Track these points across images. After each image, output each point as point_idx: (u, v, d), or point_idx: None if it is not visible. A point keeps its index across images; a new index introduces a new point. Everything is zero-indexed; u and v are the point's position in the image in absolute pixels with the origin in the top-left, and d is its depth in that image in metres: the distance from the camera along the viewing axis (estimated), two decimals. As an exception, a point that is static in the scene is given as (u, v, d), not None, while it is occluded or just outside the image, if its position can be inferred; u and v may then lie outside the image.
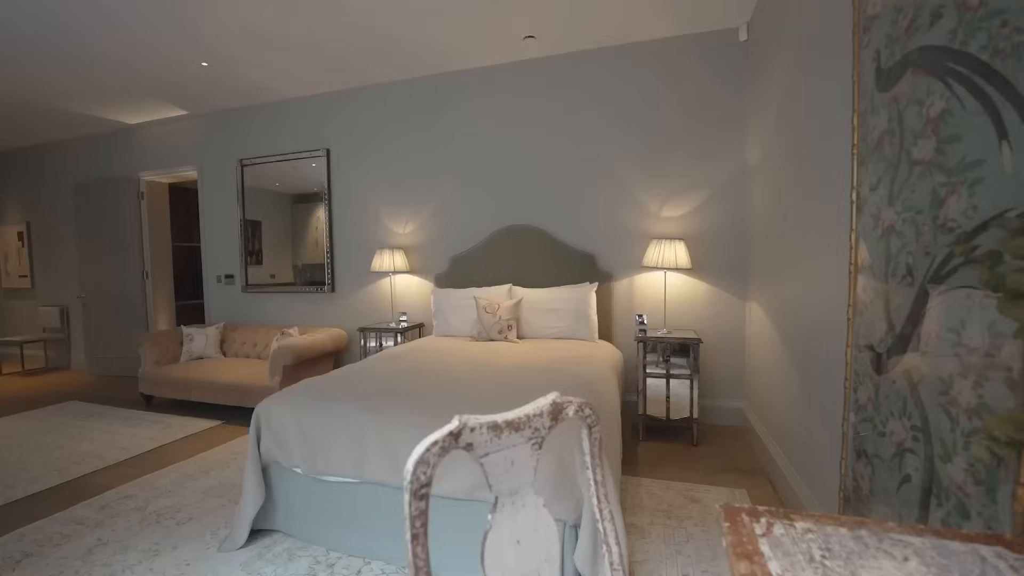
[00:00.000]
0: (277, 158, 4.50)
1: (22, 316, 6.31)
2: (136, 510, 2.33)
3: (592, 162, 3.59)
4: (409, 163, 4.09)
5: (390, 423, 1.86)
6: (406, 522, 0.59)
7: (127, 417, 3.82)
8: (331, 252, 4.37)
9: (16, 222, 6.24)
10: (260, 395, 3.49)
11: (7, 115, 4.81)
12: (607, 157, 3.56)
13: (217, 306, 4.98)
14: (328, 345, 3.88)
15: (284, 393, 2.13)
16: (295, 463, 1.99)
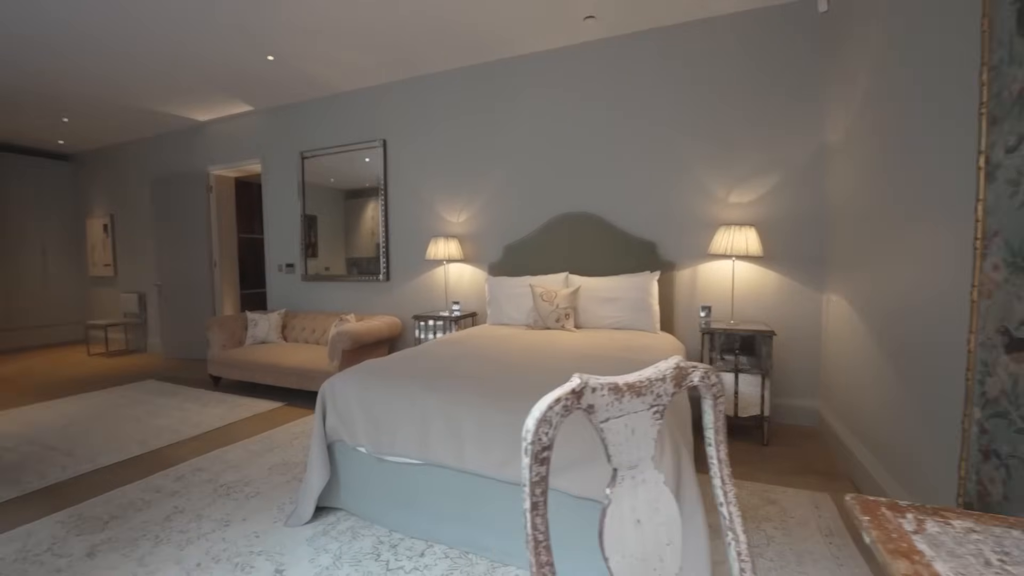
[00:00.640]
0: (336, 150, 4.61)
1: (106, 302, 6.82)
2: (208, 482, 2.43)
3: (654, 147, 3.44)
4: (463, 152, 4.07)
5: (454, 404, 1.82)
6: (525, 489, 0.52)
7: (198, 396, 4.02)
8: (386, 241, 4.42)
9: (101, 215, 6.74)
10: (320, 379, 3.58)
11: (99, 115, 5.19)
12: (671, 141, 3.39)
13: (278, 294, 5.17)
14: (384, 332, 3.94)
15: (348, 372, 2.14)
16: (359, 442, 1.99)
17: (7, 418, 3.55)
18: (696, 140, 3.32)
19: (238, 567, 1.74)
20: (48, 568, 1.76)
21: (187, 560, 1.78)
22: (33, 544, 1.92)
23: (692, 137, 3.33)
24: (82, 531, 2.00)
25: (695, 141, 3.33)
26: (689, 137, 3.34)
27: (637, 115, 3.47)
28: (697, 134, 3.32)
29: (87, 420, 3.44)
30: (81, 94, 4.59)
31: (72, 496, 2.32)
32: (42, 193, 6.79)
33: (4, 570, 1.76)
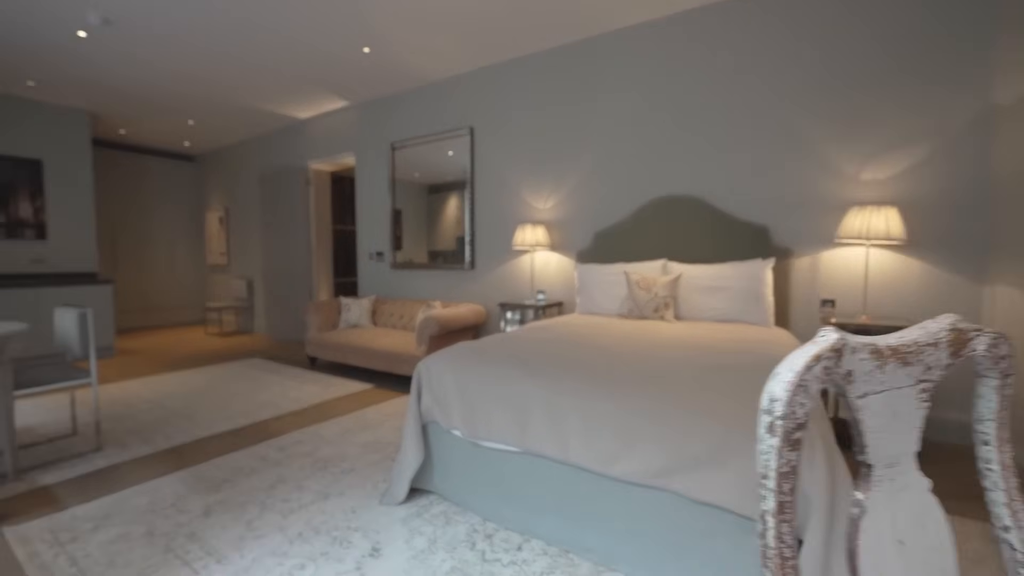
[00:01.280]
0: (425, 139, 4.66)
1: (220, 287, 7.54)
2: (307, 455, 2.50)
3: (766, 121, 3.07)
4: (550, 136, 3.93)
5: (557, 392, 1.69)
6: (768, 483, 0.37)
7: (296, 375, 4.26)
8: (471, 229, 4.40)
9: (217, 209, 7.44)
10: (408, 362, 3.62)
11: (219, 117, 5.70)
12: (787, 114, 3.01)
13: (369, 281, 5.36)
14: (469, 319, 3.91)
15: (445, 352, 2.09)
16: (454, 425, 1.93)
17: (141, 384, 3.97)
18: (817, 109, 2.92)
19: (336, 541, 1.74)
20: (172, 522, 1.87)
21: (289, 528, 1.82)
22: (160, 498, 2.06)
23: (813, 109, 2.93)
24: (200, 491, 2.13)
25: (816, 110, 2.92)
26: (810, 109, 2.94)
27: (744, 88, 3.11)
28: (819, 105, 2.91)
29: (204, 390, 3.76)
30: (205, 97, 5.04)
31: (191, 457, 2.50)
32: (170, 190, 7.63)
33: (137, 519, 1.90)
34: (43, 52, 3.99)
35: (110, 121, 5.96)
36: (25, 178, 5.19)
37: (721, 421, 1.38)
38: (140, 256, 7.30)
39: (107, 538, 1.77)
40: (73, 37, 3.74)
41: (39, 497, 2.11)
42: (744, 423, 1.35)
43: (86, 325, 2.58)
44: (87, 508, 1.99)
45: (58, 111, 5.36)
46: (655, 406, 1.50)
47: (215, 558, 1.64)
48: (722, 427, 1.37)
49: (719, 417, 1.39)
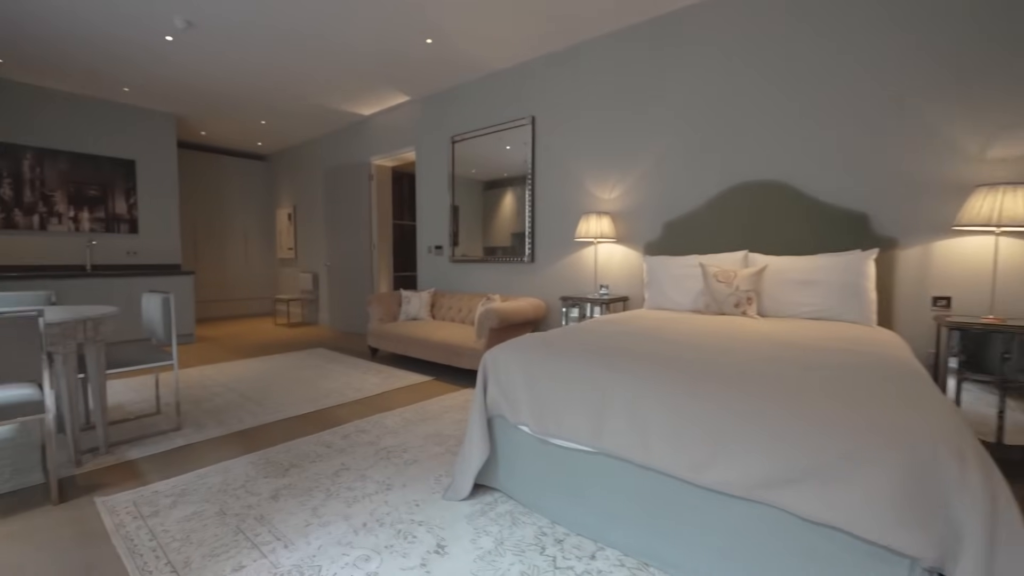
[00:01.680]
0: (485, 131, 4.61)
1: (288, 280, 7.90)
2: (370, 444, 2.49)
3: (864, 93, 2.73)
4: (617, 122, 3.74)
5: (639, 389, 1.53)
6: None
7: (358, 365, 4.33)
8: (531, 221, 4.29)
9: (286, 206, 7.80)
10: (467, 355, 3.57)
11: (289, 117, 5.94)
12: (891, 83, 2.65)
13: (427, 274, 5.39)
14: (529, 312, 3.80)
15: (513, 343, 1.98)
16: (521, 420, 1.82)
17: (217, 370, 4.18)
18: (931, 80, 2.54)
19: (400, 534, 1.68)
20: (242, 503, 1.89)
21: (354, 518, 1.78)
22: (231, 479, 2.10)
23: (925, 72, 2.56)
24: (268, 474, 2.15)
25: (930, 81, 2.55)
26: (920, 78, 2.57)
27: (838, 59, 2.78)
28: (932, 72, 2.54)
29: (272, 377, 3.89)
30: (277, 98, 5.26)
31: (261, 441, 2.55)
32: (244, 188, 8.08)
33: (211, 498, 1.93)
34: (137, 59, 4.28)
35: (193, 124, 6.37)
36: (121, 177, 5.65)
37: (848, 428, 1.18)
38: (217, 250, 7.79)
39: (183, 515, 1.81)
40: (162, 42, 3.98)
41: (126, 470, 2.21)
42: (878, 433, 1.14)
43: (168, 309, 2.70)
44: (167, 484, 2.06)
45: (149, 115, 5.79)
46: (757, 408, 1.31)
47: (283, 543, 1.63)
48: (849, 435, 1.16)
49: (844, 424, 1.19)
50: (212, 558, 1.55)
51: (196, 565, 1.51)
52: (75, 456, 2.24)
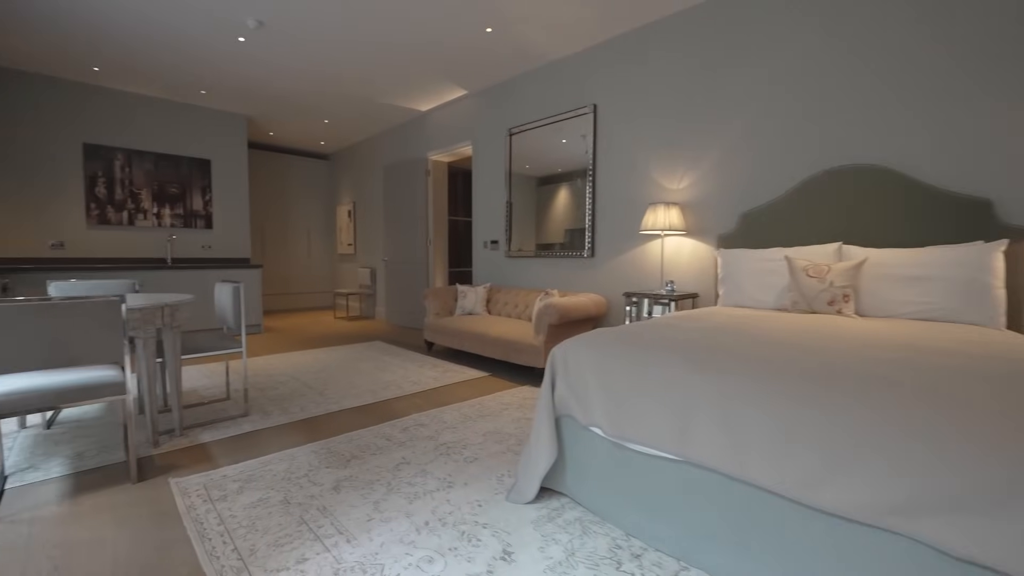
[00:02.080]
0: (543, 122, 4.48)
1: (347, 275, 8.13)
2: (429, 439, 2.43)
3: (987, 55, 2.35)
4: (687, 108, 3.49)
5: (737, 394, 1.35)
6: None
7: (414, 359, 4.33)
8: (592, 214, 4.12)
9: (346, 203, 8.03)
10: (525, 351, 3.46)
11: (350, 115, 6.09)
12: (1017, 40, 2.27)
13: (483, 269, 5.34)
14: (590, 308, 3.64)
15: (585, 337, 1.85)
16: (594, 421, 1.68)
17: (281, 359, 4.31)
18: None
19: (464, 536, 1.58)
20: (305, 492, 1.87)
21: (416, 515, 1.71)
22: (295, 467, 2.10)
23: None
24: (330, 464, 2.13)
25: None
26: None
27: (946, 24, 2.42)
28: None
29: (333, 368, 3.96)
30: (339, 96, 5.38)
31: (323, 430, 2.56)
32: (308, 186, 8.40)
33: (275, 485, 1.93)
34: (212, 61, 4.50)
35: (262, 125, 6.67)
36: (198, 176, 5.99)
37: (1016, 446, 0.96)
38: (282, 246, 8.14)
39: (249, 501, 1.81)
40: (235, 44, 4.14)
41: (198, 453, 2.27)
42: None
43: (239, 298, 2.77)
44: (234, 469, 2.08)
45: (223, 117, 6.11)
46: (893, 418, 1.11)
47: (345, 537, 1.58)
48: (1019, 455, 0.94)
49: (1016, 444, 0.97)
50: (276, 547, 1.52)
51: (261, 554, 1.49)
52: (153, 437, 2.33)
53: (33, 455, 2.24)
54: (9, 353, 1.68)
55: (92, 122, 5.24)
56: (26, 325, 1.70)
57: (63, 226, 5.14)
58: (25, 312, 1.70)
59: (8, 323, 1.67)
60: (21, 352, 1.70)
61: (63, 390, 1.84)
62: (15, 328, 1.68)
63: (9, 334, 1.67)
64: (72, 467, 2.12)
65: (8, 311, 1.67)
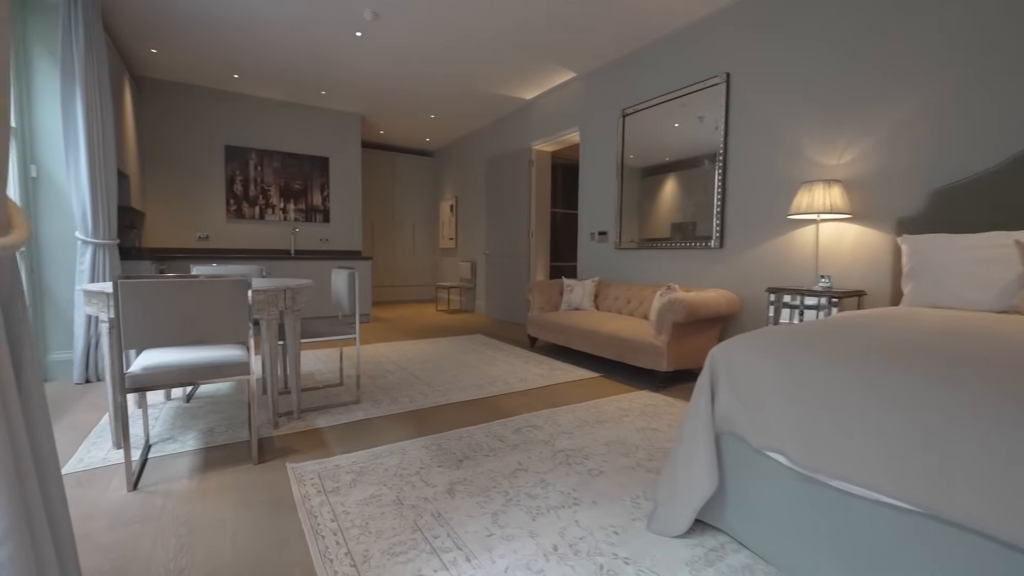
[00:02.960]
0: (663, 98, 4.03)
1: (448, 268, 8.25)
2: (545, 443, 2.18)
3: None
4: (852, 64, 2.87)
5: (1004, 418, 0.92)
6: None
7: (518, 354, 4.14)
8: (721, 199, 3.61)
9: (449, 198, 8.14)
10: (642, 352, 3.09)
11: (454, 109, 6.10)
12: None
13: (589, 262, 5.01)
14: (721, 306, 3.16)
15: (760, 335, 1.47)
16: (772, 444, 1.30)
17: (389, 348, 4.37)
18: None
19: (603, 570, 1.30)
20: (418, 494, 1.72)
21: (542, 536, 1.46)
22: (406, 462, 1.97)
23: None
24: (442, 463, 1.97)
25: None
26: None
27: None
28: None
29: (438, 360, 3.89)
30: (447, 88, 5.37)
31: (432, 423, 2.43)
32: (413, 182, 8.66)
33: (387, 481, 1.81)
34: (332, 61, 4.68)
35: (374, 123, 6.94)
36: (318, 173, 6.38)
37: None
38: (389, 240, 8.48)
39: (362, 496, 1.69)
40: (352, 39, 4.25)
41: (313, 438, 2.24)
42: None
43: (353, 284, 2.75)
44: (347, 459, 2.00)
45: (340, 116, 6.43)
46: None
47: (464, 554, 1.37)
48: None
49: None
50: (391, 556, 1.36)
51: (375, 562, 1.33)
52: (273, 418, 2.36)
53: (173, 427, 2.37)
54: (151, 329, 1.71)
55: (231, 125, 5.78)
56: (166, 301, 1.73)
57: (208, 220, 5.72)
58: (165, 288, 1.72)
59: (150, 299, 1.70)
60: (161, 328, 1.73)
61: (196, 367, 1.86)
62: (157, 304, 1.71)
63: (151, 310, 1.71)
64: (203, 442, 2.19)
65: (151, 287, 1.70)
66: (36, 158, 3.18)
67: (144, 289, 1.69)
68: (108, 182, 3.29)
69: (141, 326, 1.70)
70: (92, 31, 3.16)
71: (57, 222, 3.24)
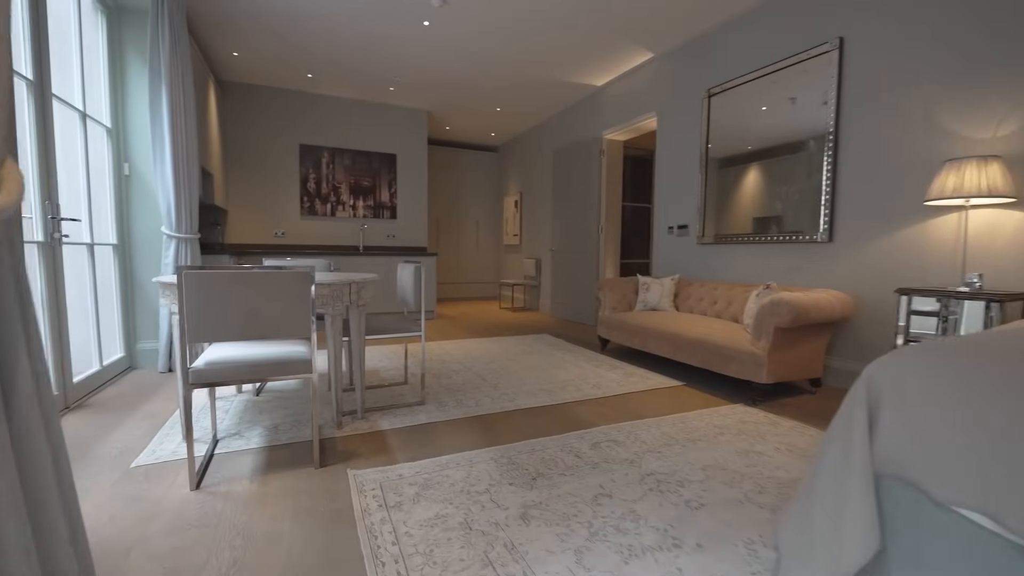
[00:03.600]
0: (758, 73, 3.57)
1: (512, 265, 8.08)
2: (629, 463, 1.90)
3: None
4: (1005, 14, 2.31)
5: None
6: None
7: (588, 356, 3.86)
8: (831, 184, 3.11)
9: (513, 193, 7.96)
10: (736, 360, 2.70)
11: (521, 97, 5.89)
12: None
13: (667, 258, 4.61)
14: (835, 309, 2.70)
15: (944, 350, 1.11)
16: (970, 500, 0.95)
17: (454, 346, 4.24)
18: None
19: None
20: (488, 517, 1.51)
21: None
22: (473, 477, 1.77)
23: None
24: (513, 480, 1.76)
25: None
26: None
27: None
28: None
29: (504, 360, 3.70)
30: (515, 76, 5.17)
31: (500, 431, 2.23)
32: (477, 178, 8.57)
33: (454, 498, 1.62)
34: (400, 53, 4.62)
35: (440, 119, 6.90)
36: (385, 169, 6.42)
37: None
38: (453, 236, 8.45)
39: (426, 516, 1.51)
40: (420, 29, 4.15)
41: (376, 441, 2.11)
42: None
43: (419, 278, 2.61)
44: (411, 468, 1.84)
45: (407, 112, 6.44)
46: None
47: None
48: None
49: None
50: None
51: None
52: (337, 418, 2.26)
53: (241, 421, 2.34)
54: (213, 322, 1.64)
55: (306, 125, 5.94)
56: (227, 293, 1.64)
57: (284, 218, 5.92)
58: (226, 280, 1.64)
59: (212, 290, 1.62)
60: (223, 321, 1.65)
61: (258, 364, 1.77)
62: (218, 296, 1.63)
63: (212, 303, 1.62)
64: (268, 439, 2.12)
65: (212, 278, 1.62)
66: (129, 156, 3.33)
67: (206, 280, 1.61)
68: (191, 178, 3.39)
69: (203, 319, 1.62)
70: (177, 33, 3.26)
71: (147, 218, 3.39)
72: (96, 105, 3.10)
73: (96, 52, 3.12)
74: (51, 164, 2.39)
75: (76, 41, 2.83)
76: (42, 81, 2.35)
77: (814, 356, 2.83)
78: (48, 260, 2.37)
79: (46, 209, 2.35)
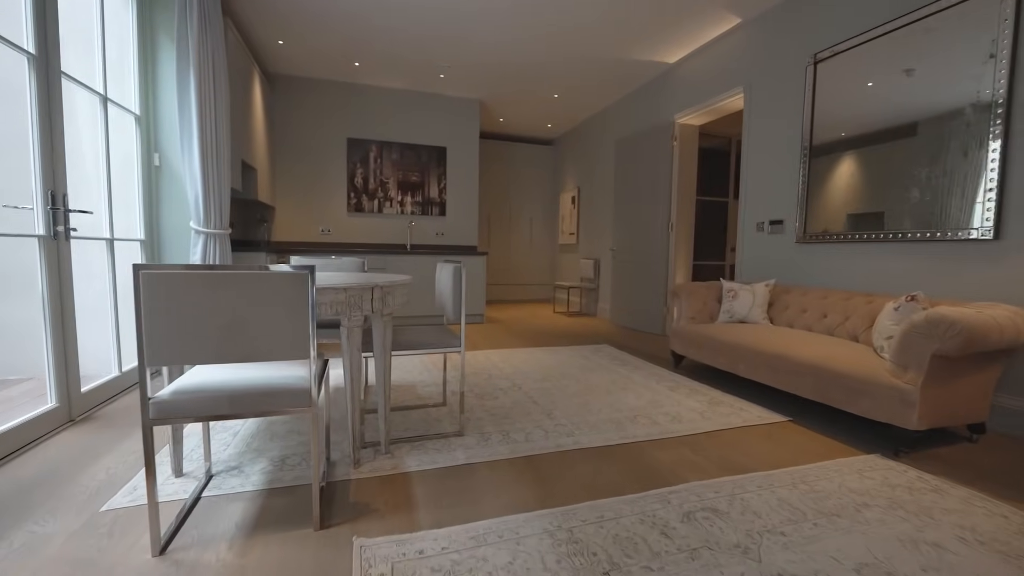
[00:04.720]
0: (888, 27, 2.82)
1: (568, 266, 7.52)
2: (743, 552, 1.33)
3: None
4: None
5: None
6: None
7: (659, 375, 3.25)
8: (1001, 165, 2.34)
9: (570, 189, 7.40)
10: (868, 395, 2.02)
11: (581, 81, 5.33)
12: None
13: (755, 259, 3.89)
14: (1021, 332, 1.96)
15: None
16: None
17: (502, 356, 3.76)
18: None
19: None
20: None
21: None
22: (520, 563, 1.27)
23: None
24: (575, 568, 1.24)
25: None
26: None
27: None
28: None
29: (559, 376, 3.17)
30: (573, 58, 4.63)
31: (556, 483, 1.71)
32: (532, 174, 8.07)
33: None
34: (452, 34, 4.20)
35: (492, 110, 6.46)
36: (435, 163, 6.07)
37: None
38: (505, 235, 8.01)
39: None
40: (474, 4, 3.71)
41: (398, 490, 1.66)
42: None
43: (460, 279, 2.15)
44: (436, 540, 1.37)
45: (458, 103, 6.05)
46: None
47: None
48: None
49: None
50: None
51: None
52: (354, 453, 1.83)
53: (248, 449, 1.97)
54: (176, 340, 1.24)
55: (353, 118, 5.69)
56: (200, 302, 1.24)
57: (330, 214, 5.70)
58: (198, 282, 1.24)
59: (181, 297, 1.22)
60: (191, 340, 1.25)
61: (236, 395, 1.36)
62: (187, 306, 1.23)
63: (178, 314, 1.23)
64: (268, 479, 1.73)
65: (181, 280, 1.22)
66: (159, 147, 3.12)
67: (171, 284, 1.22)
68: (220, 170, 3.13)
69: (165, 335, 1.23)
70: (208, 13, 3.00)
71: (178, 212, 3.17)
72: (123, 91, 2.89)
73: (125, 35, 2.91)
74: (57, 149, 2.14)
75: (98, 19, 2.62)
76: (48, 56, 2.10)
77: (981, 394, 2.09)
78: (51, 255, 2.12)
79: (47, 199, 2.10)
